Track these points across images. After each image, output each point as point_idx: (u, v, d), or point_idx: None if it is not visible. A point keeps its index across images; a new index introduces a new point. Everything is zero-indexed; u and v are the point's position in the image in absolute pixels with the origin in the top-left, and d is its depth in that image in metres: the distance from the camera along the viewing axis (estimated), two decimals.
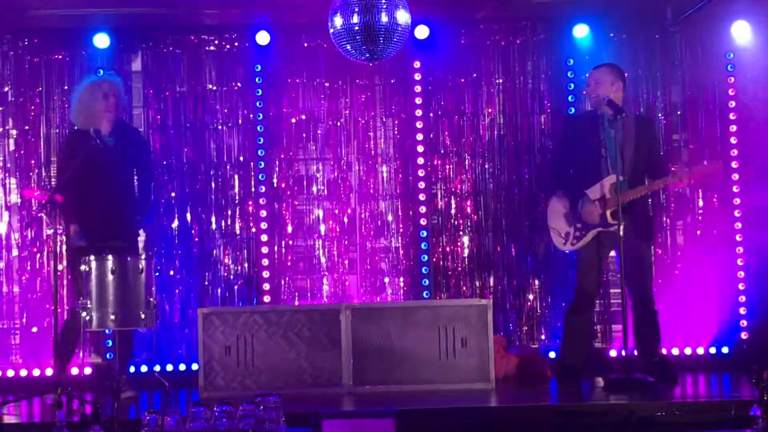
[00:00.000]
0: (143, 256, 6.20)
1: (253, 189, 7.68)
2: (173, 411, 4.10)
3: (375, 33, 5.82)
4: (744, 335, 7.61)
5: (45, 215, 6.00)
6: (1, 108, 7.59)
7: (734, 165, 7.72)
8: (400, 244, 7.77)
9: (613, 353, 7.48)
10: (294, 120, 7.79)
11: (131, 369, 7.19)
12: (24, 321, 7.42)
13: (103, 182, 6.39)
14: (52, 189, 6.07)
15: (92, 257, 6.10)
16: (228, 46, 7.76)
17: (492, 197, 7.79)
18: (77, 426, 4.92)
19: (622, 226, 6.19)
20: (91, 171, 6.33)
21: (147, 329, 6.21)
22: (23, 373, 7.30)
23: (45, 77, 7.59)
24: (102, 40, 7.50)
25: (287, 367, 6.51)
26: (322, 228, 7.76)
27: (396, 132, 7.83)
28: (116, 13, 7.36)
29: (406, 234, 7.76)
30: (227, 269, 7.66)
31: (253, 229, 7.67)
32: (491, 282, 7.74)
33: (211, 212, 7.68)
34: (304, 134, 7.79)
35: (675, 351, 7.51)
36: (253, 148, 7.68)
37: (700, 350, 7.58)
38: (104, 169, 6.39)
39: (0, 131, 7.58)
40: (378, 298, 7.69)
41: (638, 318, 6.54)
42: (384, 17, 5.80)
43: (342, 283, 7.74)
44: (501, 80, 7.85)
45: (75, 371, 7.10)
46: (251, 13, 7.51)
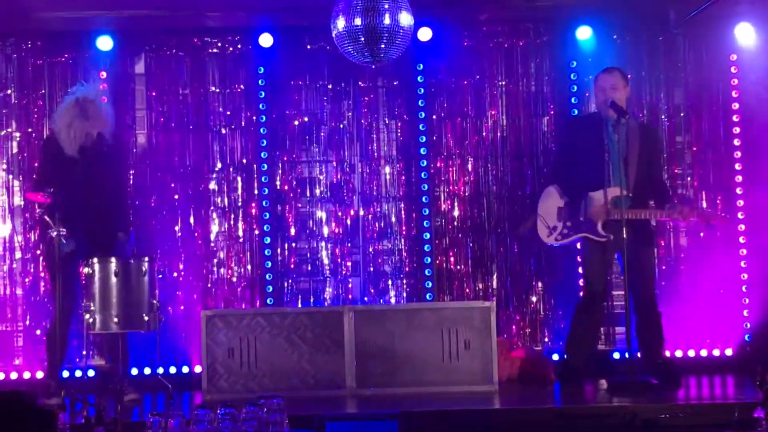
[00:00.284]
0: (146, 259, 6.20)
1: (256, 191, 7.68)
2: (176, 413, 4.10)
3: (378, 35, 5.82)
4: (747, 337, 7.61)
5: (48, 218, 6.00)
6: (5, 110, 7.59)
7: (738, 167, 7.71)
8: (403, 247, 7.77)
9: (617, 356, 7.47)
10: (297, 122, 7.78)
11: (134, 371, 7.20)
12: (27, 323, 7.41)
13: (83, 193, 6.39)
14: (55, 192, 6.06)
15: (95, 260, 6.10)
16: (231, 49, 7.76)
17: (495, 199, 7.78)
18: (81, 428, 4.93)
19: (624, 230, 6.18)
20: (70, 180, 6.36)
21: (150, 331, 6.21)
22: (26, 376, 7.30)
23: (48, 80, 7.59)
24: (105, 43, 7.51)
25: (290, 370, 6.51)
26: (325, 230, 7.76)
27: (399, 134, 7.82)
28: (119, 16, 7.36)
29: (409, 236, 7.76)
30: (230, 271, 7.67)
31: (256, 232, 7.67)
32: (494, 284, 7.73)
33: (215, 214, 7.68)
34: (307, 136, 7.79)
35: (678, 353, 7.50)
36: (256, 151, 7.68)
37: (704, 352, 7.57)
38: (81, 181, 6.40)
39: (3, 133, 7.58)
40: (381, 301, 7.68)
41: (641, 320, 6.52)
42: (387, 19, 5.81)
43: (345, 285, 7.74)
44: (504, 82, 7.84)
45: (78, 374, 7.11)
46: (254, 16, 7.51)
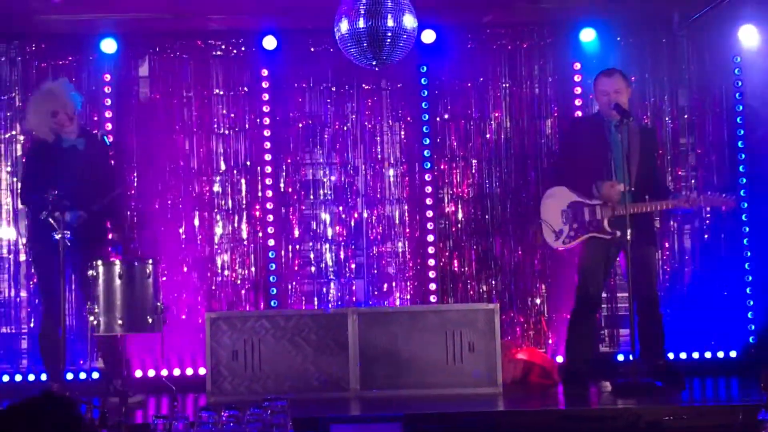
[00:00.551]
0: (150, 261, 6.20)
1: (260, 193, 7.68)
2: (181, 416, 4.10)
3: (381, 38, 5.82)
4: (752, 339, 7.60)
5: (52, 220, 6.00)
6: (9, 113, 7.60)
7: (741, 169, 7.71)
8: (407, 249, 7.76)
9: (621, 358, 7.47)
10: (301, 124, 7.79)
11: (138, 373, 7.21)
12: (31, 326, 7.41)
13: (73, 186, 6.35)
14: (59, 194, 6.05)
15: (99, 262, 6.11)
16: (235, 51, 7.77)
17: (499, 201, 7.77)
18: (86, 430, 4.92)
19: (628, 232, 6.19)
20: (62, 174, 6.37)
21: (154, 333, 6.21)
22: (31, 378, 7.30)
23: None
24: (109, 46, 7.52)
25: (294, 372, 6.51)
26: (329, 232, 7.76)
27: (403, 136, 7.82)
28: (123, 19, 7.38)
29: (413, 238, 7.76)
30: (234, 274, 7.67)
31: (260, 234, 7.67)
32: (498, 286, 7.73)
33: (218, 217, 7.69)
34: (311, 139, 7.79)
35: (683, 355, 7.49)
36: (260, 153, 7.69)
37: (708, 354, 7.56)
38: (71, 175, 6.40)
39: (7, 136, 7.59)
40: (385, 303, 7.68)
41: (643, 321, 6.50)
42: (390, 22, 5.80)
43: (349, 288, 7.74)
44: (508, 84, 7.84)
45: (83, 376, 7.12)
46: (258, 19, 7.52)
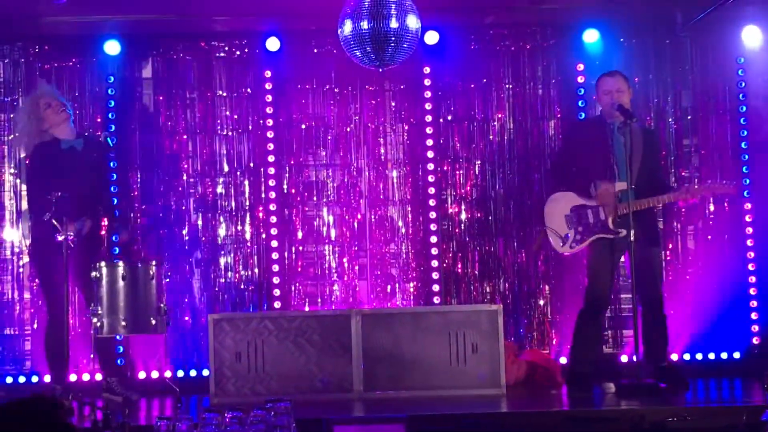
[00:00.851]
0: (154, 262, 6.21)
1: (264, 195, 7.69)
2: (184, 417, 4.11)
3: (384, 39, 5.82)
4: (755, 340, 7.59)
5: (55, 221, 6.00)
6: (13, 114, 7.60)
7: (745, 170, 7.70)
8: (410, 250, 7.76)
9: (624, 359, 7.46)
10: (304, 126, 7.79)
11: (141, 375, 7.21)
12: (35, 327, 7.41)
13: (72, 186, 6.35)
14: (62, 195, 6.06)
15: (103, 264, 6.11)
16: (238, 53, 7.77)
17: (502, 202, 7.77)
18: None
19: (632, 232, 6.18)
20: (63, 174, 6.39)
21: (158, 335, 6.22)
22: (34, 379, 7.30)
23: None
24: (113, 47, 7.52)
25: (298, 373, 6.51)
26: (333, 234, 7.76)
27: (406, 137, 7.82)
28: (127, 20, 7.38)
29: (416, 239, 7.76)
30: (237, 275, 7.67)
31: (264, 235, 7.67)
32: (502, 287, 7.73)
33: (222, 218, 7.69)
34: (314, 140, 7.79)
35: (686, 356, 7.49)
36: (263, 154, 7.69)
37: (711, 355, 7.55)
38: (73, 175, 6.43)
39: (11, 138, 7.59)
40: (388, 304, 7.68)
41: (647, 322, 6.50)
42: (394, 23, 5.81)
43: (352, 289, 7.74)
44: (511, 86, 7.84)
45: (86, 377, 7.12)
46: (261, 20, 7.52)
